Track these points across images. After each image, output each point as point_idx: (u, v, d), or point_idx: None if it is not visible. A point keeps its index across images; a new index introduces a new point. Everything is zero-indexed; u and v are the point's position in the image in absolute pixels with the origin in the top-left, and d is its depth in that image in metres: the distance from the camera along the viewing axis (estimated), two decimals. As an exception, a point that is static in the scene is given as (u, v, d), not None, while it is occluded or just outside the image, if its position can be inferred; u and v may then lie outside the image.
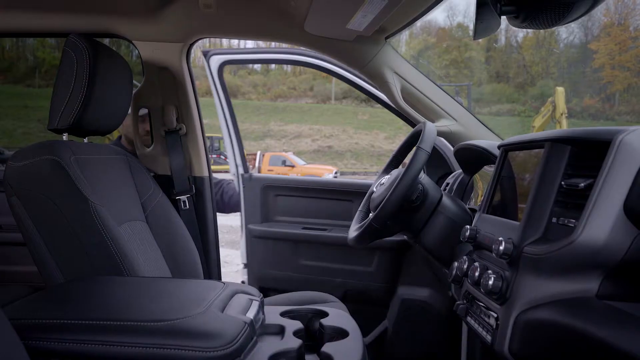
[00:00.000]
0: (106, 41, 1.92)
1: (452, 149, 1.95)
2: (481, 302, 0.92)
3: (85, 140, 1.40)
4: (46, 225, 1.10)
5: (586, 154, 0.78)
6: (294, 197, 2.06)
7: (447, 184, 1.68)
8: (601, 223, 0.68)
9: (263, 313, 0.96)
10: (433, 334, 1.85)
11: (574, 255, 0.71)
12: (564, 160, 0.80)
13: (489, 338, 0.86)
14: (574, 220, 0.74)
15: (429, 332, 1.86)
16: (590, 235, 0.69)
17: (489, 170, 1.48)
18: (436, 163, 1.93)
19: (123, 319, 0.77)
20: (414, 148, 1.26)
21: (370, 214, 1.39)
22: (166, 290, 0.94)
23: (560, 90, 15.45)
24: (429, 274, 1.85)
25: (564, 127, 14.54)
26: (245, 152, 2.22)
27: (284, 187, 2.09)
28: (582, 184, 0.73)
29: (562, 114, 15.05)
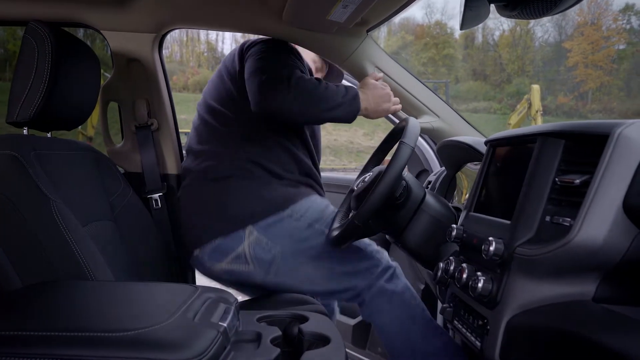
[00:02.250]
0: (80, 34, 1.82)
1: (427, 146, 1.92)
2: (469, 306, 0.87)
3: (49, 135, 1.31)
4: (2, 225, 1.01)
5: (581, 149, 0.73)
6: None
7: (430, 181, 1.64)
8: (599, 222, 0.64)
9: (238, 319, 0.90)
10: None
11: (570, 256, 0.66)
12: (557, 155, 0.75)
13: (477, 344, 0.81)
14: (569, 219, 0.70)
15: None
16: (587, 234, 0.65)
17: (473, 167, 1.45)
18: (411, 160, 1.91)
19: (81, 329, 0.70)
20: (397, 143, 1.21)
21: (352, 213, 1.34)
22: (131, 296, 0.87)
23: (535, 88, 15.69)
24: (407, 266, 1.88)
25: (539, 124, 14.70)
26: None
27: None
28: (578, 180, 0.69)
29: (537, 112, 15.28)
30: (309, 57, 1.69)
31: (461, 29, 0.89)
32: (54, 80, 1.15)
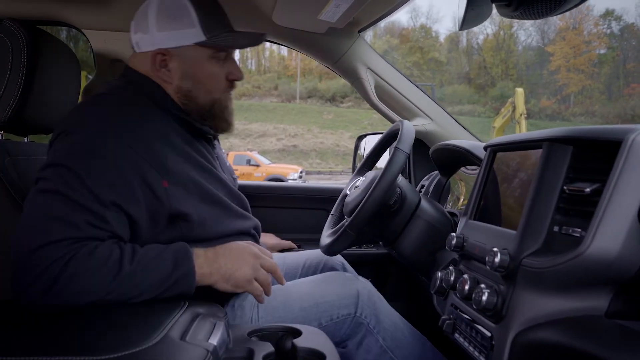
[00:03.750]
0: (64, 36, 1.75)
1: None
2: (471, 319, 0.83)
3: (26, 139, 1.25)
4: None
5: (591, 156, 0.70)
6: (261, 207, 1.71)
7: (423, 186, 1.60)
8: (613, 233, 0.61)
9: (229, 335, 0.85)
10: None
11: (582, 269, 0.63)
12: (565, 162, 0.72)
13: (482, 359, 0.77)
14: (579, 230, 0.66)
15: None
16: (601, 246, 0.61)
17: (467, 172, 1.42)
18: (424, 164, 1.73)
19: (59, 352, 0.64)
20: (392, 149, 1.17)
21: (345, 220, 1.30)
22: (113, 314, 0.81)
23: (519, 91, 15.81)
24: (416, 288, 1.70)
25: (523, 127, 14.87)
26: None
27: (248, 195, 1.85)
28: (589, 189, 0.65)
29: (521, 115, 15.40)
30: None
31: (460, 29, 0.86)
32: (30, 81, 1.09)
